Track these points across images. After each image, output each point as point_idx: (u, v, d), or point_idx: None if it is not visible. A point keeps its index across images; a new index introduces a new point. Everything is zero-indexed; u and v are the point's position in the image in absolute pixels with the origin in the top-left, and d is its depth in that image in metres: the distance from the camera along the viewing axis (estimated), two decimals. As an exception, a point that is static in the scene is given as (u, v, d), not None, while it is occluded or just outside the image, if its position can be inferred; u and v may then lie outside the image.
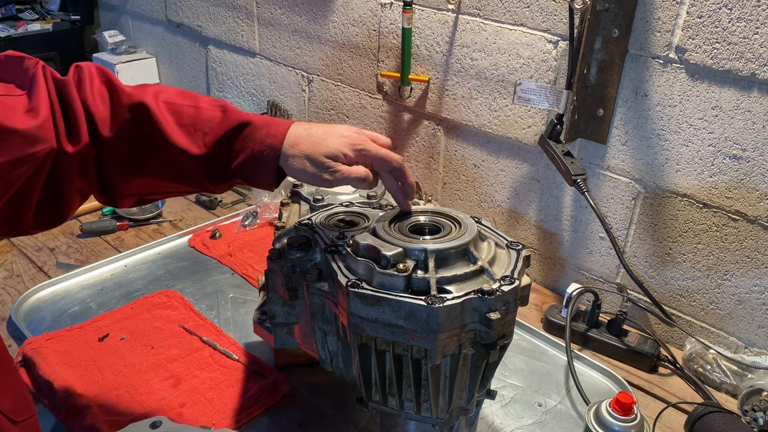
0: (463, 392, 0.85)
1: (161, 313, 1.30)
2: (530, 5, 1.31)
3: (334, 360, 0.96)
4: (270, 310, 1.01)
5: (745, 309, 1.19)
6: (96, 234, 1.62)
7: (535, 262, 1.50)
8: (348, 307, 0.77)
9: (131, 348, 1.20)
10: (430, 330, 0.74)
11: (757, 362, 1.14)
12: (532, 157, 1.42)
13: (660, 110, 1.19)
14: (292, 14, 1.86)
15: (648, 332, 1.27)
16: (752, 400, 1.09)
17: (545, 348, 1.27)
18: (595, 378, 1.19)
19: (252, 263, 1.49)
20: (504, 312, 0.76)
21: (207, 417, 1.05)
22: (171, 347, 1.20)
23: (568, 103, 1.24)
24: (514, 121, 1.41)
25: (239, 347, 1.21)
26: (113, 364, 1.15)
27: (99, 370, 1.14)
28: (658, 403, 1.13)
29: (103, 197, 0.86)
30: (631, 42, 1.18)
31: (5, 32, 2.58)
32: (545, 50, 1.31)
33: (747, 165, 1.11)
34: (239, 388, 1.11)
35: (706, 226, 1.20)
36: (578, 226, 1.39)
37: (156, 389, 1.10)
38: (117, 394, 1.08)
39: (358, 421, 1.06)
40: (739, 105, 1.09)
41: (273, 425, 1.04)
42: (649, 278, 1.31)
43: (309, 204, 1.11)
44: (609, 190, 1.32)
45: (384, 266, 0.77)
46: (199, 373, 1.15)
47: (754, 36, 1.04)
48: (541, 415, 1.09)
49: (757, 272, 1.16)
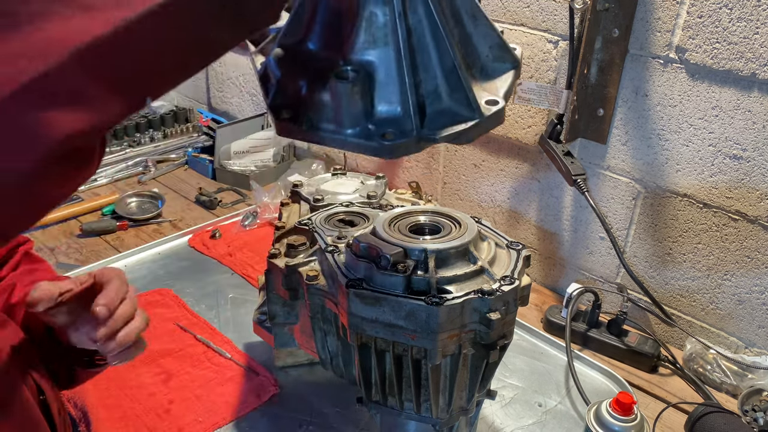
0: (463, 392, 0.85)
1: (155, 311, 1.30)
2: (530, 5, 1.31)
3: (334, 360, 0.95)
4: (270, 310, 1.01)
5: (746, 309, 1.19)
6: (96, 234, 1.62)
7: (535, 262, 1.50)
8: (348, 307, 0.77)
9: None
10: (430, 330, 0.74)
11: (758, 362, 1.14)
12: (532, 157, 1.42)
13: (660, 110, 1.19)
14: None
15: (648, 332, 1.27)
16: (752, 400, 1.09)
17: (545, 348, 1.27)
18: (595, 378, 1.19)
19: (252, 263, 1.49)
20: (504, 312, 0.76)
21: (194, 413, 1.05)
22: (164, 344, 1.21)
23: (568, 103, 1.24)
24: (515, 121, 1.41)
25: (233, 346, 1.21)
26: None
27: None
28: (658, 404, 1.13)
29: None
30: (632, 42, 1.18)
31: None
32: (545, 50, 1.31)
33: (747, 165, 1.11)
34: (230, 386, 1.12)
35: (707, 226, 1.20)
36: (578, 226, 1.39)
37: (146, 384, 1.11)
38: (107, 387, 1.09)
39: (358, 421, 1.05)
40: (740, 105, 1.09)
41: (273, 425, 1.04)
42: (649, 278, 1.31)
43: (309, 204, 1.11)
44: (609, 190, 1.31)
45: (384, 266, 0.77)
46: (191, 370, 1.15)
47: (755, 36, 1.04)
48: (542, 416, 1.09)
49: (758, 272, 1.16)
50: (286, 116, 0.59)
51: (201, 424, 1.03)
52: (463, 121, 0.58)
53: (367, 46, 0.56)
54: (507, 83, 0.63)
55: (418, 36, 0.57)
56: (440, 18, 0.57)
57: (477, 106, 0.59)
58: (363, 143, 0.57)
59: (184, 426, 1.02)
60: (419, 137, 0.58)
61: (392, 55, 0.56)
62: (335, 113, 0.57)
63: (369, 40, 0.56)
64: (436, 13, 0.57)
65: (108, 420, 1.03)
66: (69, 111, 0.36)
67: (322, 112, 0.57)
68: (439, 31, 0.57)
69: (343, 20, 0.57)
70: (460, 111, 0.59)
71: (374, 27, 0.56)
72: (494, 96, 0.60)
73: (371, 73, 0.57)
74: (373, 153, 0.58)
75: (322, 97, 0.57)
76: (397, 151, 0.57)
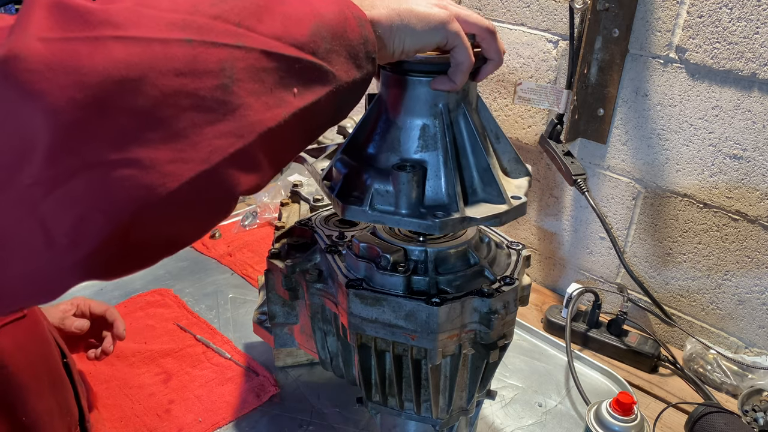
0: (463, 392, 0.85)
1: (155, 311, 1.30)
2: (530, 5, 1.31)
3: (334, 360, 0.95)
4: (270, 310, 1.00)
5: (746, 309, 1.19)
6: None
7: (535, 262, 1.50)
8: (348, 307, 0.77)
9: (125, 344, 1.20)
10: (430, 330, 0.74)
11: (758, 362, 1.14)
12: (532, 157, 1.42)
13: (660, 110, 1.19)
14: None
15: (648, 332, 1.27)
16: (752, 400, 1.09)
17: (545, 348, 1.27)
18: (595, 378, 1.19)
19: (252, 263, 1.49)
20: (504, 312, 0.76)
21: (194, 413, 1.05)
22: (164, 344, 1.21)
23: (568, 103, 1.24)
24: (515, 121, 1.41)
25: (233, 346, 1.21)
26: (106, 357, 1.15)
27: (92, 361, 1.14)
28: (658, 404, 1.13)
29: None
30: (632, 42, 1.18)
31: (5, 32, 2.58)
32: (545, 50, 1.31)
33: (747, 165, 1.11)
34: (229, 386, 1.12)
35: (707, 226, 1.20)
36: (578, 226, 1.39)
37: (146, 384, 1.11)
38: (107, 387, 1.10)
39: (358, 421, 1.05)
40: (740, 105, 1.09)
41: (273, 425, 1.04)
42: (649, 278, 1.31)
43: (309, 204, 1.11)
44: (609, 190, 1.31)
45: (384, 266, 0.77)
46: (191, 370, 1.15)
47: (755, 36, 1.04)
48: (542, 416, 1.09)
49: (758, 272, 1.16)
50: (352, 201, 0.72)
51: (201, 424, 1.03)
52: (496, 207, 0.73)
53: (421, 149, 0.72)
54: (524, 186, 0.78)
55: (459, 143, 0.73)
56: (476, 131, 0.73)
57: (507, 197, 0.73)
58: (417, 221, 0.70)
59: (184, 426, 1.03)
60: (463, 218, 0.70)
61: (440, 157, 0.72)
62: (395, 198, 0.71)
63: (423, 144, 0.72)
64: (473, 126, 0.73)
65: (108, 420, 1.03)
66: (249, 175, 0.52)
67: (383, 197, 0.71)
68: (476, 140, 0.73)
69: (401, 131, 0.72)
70: (492, 200, 0.73)
71: (427, 135, 0.72)
72: (516, 193, 0.75)
73: (425, 168, 0.71)
74: (426, 229, 0.70)
75: (384, 186, 0.71)
76: (445, 228, 0.70)
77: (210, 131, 0.48)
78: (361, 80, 0.59)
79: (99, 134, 0.42)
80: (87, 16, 0.43)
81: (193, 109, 0.46)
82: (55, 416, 0.80)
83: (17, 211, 0.42)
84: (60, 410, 0.82)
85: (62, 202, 0.42)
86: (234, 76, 0.48)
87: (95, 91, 0.42)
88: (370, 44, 0.59)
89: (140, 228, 0.46)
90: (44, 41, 0.41)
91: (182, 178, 0.46)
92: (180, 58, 0.45)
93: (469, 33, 0.66)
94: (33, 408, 0.75)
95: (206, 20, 0.48)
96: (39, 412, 0.76)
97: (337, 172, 0.75)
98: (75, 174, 0.42)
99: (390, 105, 0.73)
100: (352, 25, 0.57)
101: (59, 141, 0.41)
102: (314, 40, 0.54)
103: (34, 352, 0.78)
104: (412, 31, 0.62)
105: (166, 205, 0.46)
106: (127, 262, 0.48)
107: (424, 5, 0.64)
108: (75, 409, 0.85)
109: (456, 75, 0.67)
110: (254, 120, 0.50)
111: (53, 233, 0.43)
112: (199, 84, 0.46)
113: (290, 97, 0.53)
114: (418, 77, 0.70)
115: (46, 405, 0.78)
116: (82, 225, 0.43)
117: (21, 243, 0.43)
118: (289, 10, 0.54)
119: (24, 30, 0.41)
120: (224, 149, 0.48)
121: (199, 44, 0.47)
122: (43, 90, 0.40)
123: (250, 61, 0.50)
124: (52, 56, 0.41)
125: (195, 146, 0.47)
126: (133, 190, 0.44)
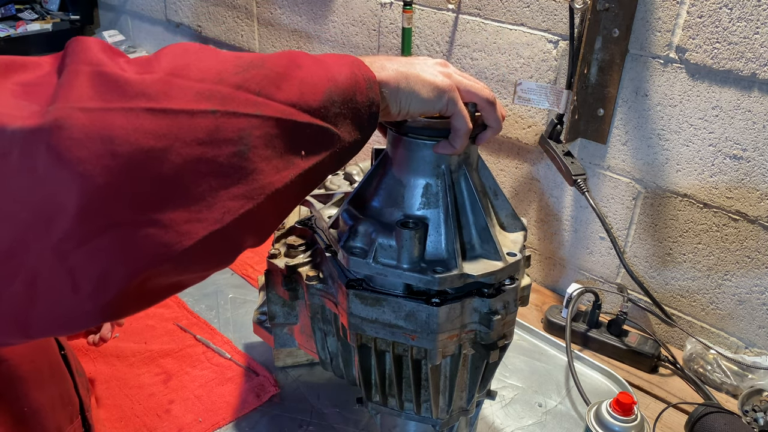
0: (463, 393, 0.85)
1: (155, 311, 1.30)
2: (530, 5, 1.31)
3: (334, 360, 0.95)
4: (270, 311, 1.00)
5: (746, 309, 1.19)
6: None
7: (535, 262, 1.50)
8: (348, 308, 0.77)
9: (125, 344, 1.20)
10: (430, 330, 0.74)
11: (758, 362, 1.14)
12: (532, 157, 1.42)
13: (660, 110, 1.19)
14: (292, 14, 1.86)
15: (648, 332, 1.27)
16: (753, 400, 1.09)
17: (545, 348, 1.27)
18: (595, 378, 1.19)
19: (252, 263, 1.49)
20: (504, 312, 0.76)
21: (194, 413, 1.05)
22: (164, 344, 1.21)
23: (568, 103, 1.24)
24: (515, 121, 1.41)
25: (233, 346, 1.21)
26: (106, 358, 1.16)
27: (92, 361, 1.15)
28: (658, 404, 1.13)
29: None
30: (632, 42, 1.18)
31: (5, 32, 2.58)
32: (545, 50, 1.31)
33: (747, 165, 1.11)
34: (229, 386, 1.12)
35: (707, 226, 1.20)
36: (578, 226, 1.39)
37: (146, 384, 1.11)
38: (107, 387, 1.10)
39: (358, 422, 1.05)
40: (740, 105, 1.09)
41: (273, 425, 1.04)
42: (649, 278, 1.31)
43: (309, 204, 1.11)
44: (609, 190, 1.31)
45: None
46: (191, 370, 1.15)
47: (755, 36, 1.04)
48: (542, 416, 1.09)
49: (758, 272, 1.16)
50: (357, 253, 0.75)
51: (201, 424, 1.03)
52: (492, 264, 0.76)
53: (424, 206, 0.76)
54: (520, 240, 0.82)
55: (460, 202, 0.77)
56: (476, 190, 0.77)
57: (503, 255, 0.76)
58: (417, 276, 0.73)
59: (184, 426, 1.02)
60: (461, 275, 0.73)
61: (442, 214, 0.75)
62: (398, 253, 0.73)
63: (425, 202, 0.76)
64: (473, 186, 0.77)
65: (108, 420, 1.03)
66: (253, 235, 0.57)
67: (386, 251, 0.74)
68: (476, 199, 0.77)
69: (405, 188, 0.76)
70: (489, 257, 0.77)
71: (430, 193, 0.76)
72: (512, 250, 0.78)
73: (427, 225, 0.75)
74: (426, 284, 0.73)
75: (388, 241, 0.74)
76: (444, 283, 0.73)
77: (224, 194, 0.51)
78: (362, 140, 0.63)
79: (125, 197, 0.46)
80: (125, 87, 0.47)
81: (211, 175, 0.50)
82: (56, 406, 0.82)
83: (50, 259, 0.46)
84: (61, 400, 0.83)
85: (89, 255, 0.46)
86: (250, 143, 0.52)
87: (126, 159, 0.46)
88: (375, 106, 0.63)
89: (155, 278, 0.50)
90: (85, 111, 0.45)
91: (197, 237, 0.50)
92: (203, 128, 0.49)
93: (470, 102, 0.71)
94: (34, 399, 0.77)
95: (230, 90, 0.51)
96: (40, 402, 0.78)
97: (344, 223, 0.79)
98: (102, 232, 0.46)
99: (396, 163, 0.77)
100: (361, 87, 0.61)
101: (90, 202, 0.45)
102: (326, 106, 0.58)
103: (33, 344, 0.79)
104: (417, 96, 0.67)
105: (180, 260, 0.50)
106: (139, 305, 0.53)
107: (431, 72, 0.68)
108: (75, 398, 0.87)
109: (455, 140, 0.72)
110: (265, 183, 0.54)
111: (79, 281, 0.47)
112: (218, 152, 0.50)
113: (298, 159, 0.57)
114: (423, 140, 0.74)
115: (47, 396, 0.80)
116: (106, 276, 0.48)
117: (51, 287, 0.47)
118: (306, 76, 0.57)
119: (67, 99, 0.45)
120: (236, 210, 0.52)
121: (222, 114, 0.50)
122: (81, 158, 0.44)
123: (266, 129, 0.53)
124: (92, 126, 0.45)
125: (210, 207, 0.51)
126: (152, 248, 0.48)
